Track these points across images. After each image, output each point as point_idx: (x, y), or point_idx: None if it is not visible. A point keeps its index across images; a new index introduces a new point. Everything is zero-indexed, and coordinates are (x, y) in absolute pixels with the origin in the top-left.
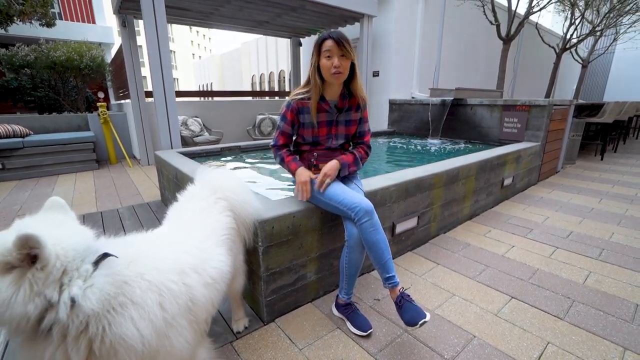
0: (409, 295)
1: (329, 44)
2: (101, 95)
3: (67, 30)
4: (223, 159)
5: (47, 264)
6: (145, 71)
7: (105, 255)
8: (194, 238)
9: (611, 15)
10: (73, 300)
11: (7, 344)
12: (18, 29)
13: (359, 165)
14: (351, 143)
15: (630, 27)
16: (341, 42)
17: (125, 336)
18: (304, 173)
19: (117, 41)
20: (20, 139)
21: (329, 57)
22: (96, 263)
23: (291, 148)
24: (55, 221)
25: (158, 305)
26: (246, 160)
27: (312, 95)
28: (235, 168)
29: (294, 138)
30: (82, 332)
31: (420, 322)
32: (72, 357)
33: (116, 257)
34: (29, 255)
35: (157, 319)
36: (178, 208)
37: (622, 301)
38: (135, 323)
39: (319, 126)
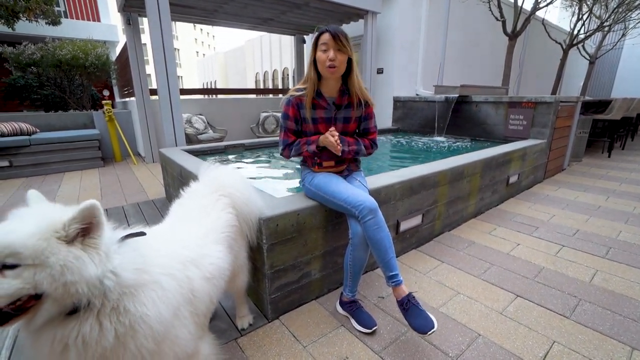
0: (414, 298)
1: (325, 37)
2: (106, 93)
3: (72, 29)
4: (227, 156)
5: (102, 233)
6: (150, 69)
7: (125, 238)
8: (193, 234)
9: (620, 10)
10: (113, 273)
11: (14, 345)
12: (24, 27)
13: (361, 148)
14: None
15: None
16: (337, 36)
17: (145, 316)
18: (325, 136)
19: (121, 39)
20: (27, 137)
21: (324, 50)
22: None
23: None
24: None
25: (172, 291)
26: (250, 158)
27: (308, 90)
28: (239, 166)
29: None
30: (115, 307)
31: (429, 332)
32: (105, 335)
33: (145, 233)
34: (85, 227)
35: (171, 304)
36: (180, 204)
37: (629, 300)
38: (156, 304)
39: (317, 122)
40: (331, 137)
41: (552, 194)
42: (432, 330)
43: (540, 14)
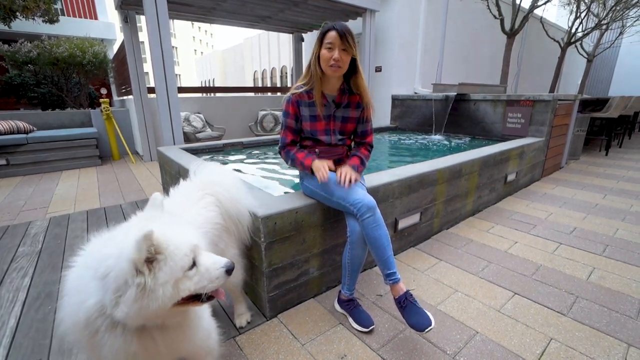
0: (412, 296)
1: (332, 35)
2: (104, 91)
3: (69, 27)
4: (225, 155)
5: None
6: (148, 67)
7: None
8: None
9: (617, 8)
10: None
11: (12, 343)
12: (20, 25)
13: (365, 166)
14: (353, 140)
15: (638, 20)
16: (345, 35)
17: None
18: (319, 162)
19: (119, 37)
20: (24, 135)
21: (329, 48)
22: None
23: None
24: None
25: None
26: (249, 156)
27: (314, 86)
28: (237, 164)
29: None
30: None
31: (427, 330)
32: None
33: None
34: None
35: None
36: (165, 202)
37: (626, 297)
38: None
39: (316, 119)
40: (323, 172)
41: (549, 192)
42: (430, 328)
43: (538, 12)
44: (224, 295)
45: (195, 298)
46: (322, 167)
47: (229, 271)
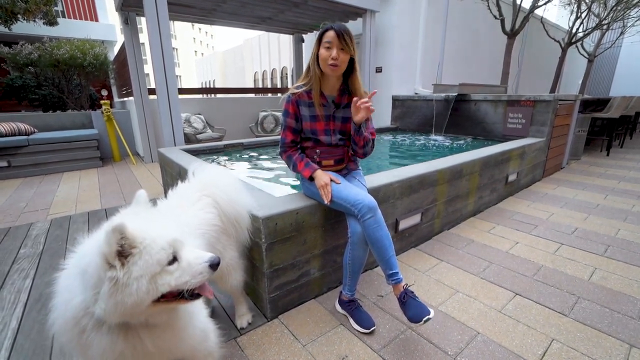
0: (412, 292)
1: (330, 34)
2: (104, 93)
3: (69, 28)
4: (226, 156)
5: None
6: (148, 68)
7: None
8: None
9: (619, 7)
10: None
11: (14, 345)
12: (21, 27)
13: (370, 138)
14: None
15: (638, 19)
16: (342, 35)
17: None
18: (321, 177)
19: (119, 39)
20: (25, 137)
21: (328, 47)
22: None
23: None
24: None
25: None
26: (249, 157)
27: (313, 86)
28: (237, 165)
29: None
30: None
31: (424, 319)
32: None
33: None
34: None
35: None
36: (161, 204)
37: (628, 298)
38: None
39: (316, 120)
40: (325, 193)
41: (550, 192)
42: (427, 317)
43: (539, 12)
44: (211, 292)
45: (180, 295)
46: (325, 186)
47: (213, 266)
